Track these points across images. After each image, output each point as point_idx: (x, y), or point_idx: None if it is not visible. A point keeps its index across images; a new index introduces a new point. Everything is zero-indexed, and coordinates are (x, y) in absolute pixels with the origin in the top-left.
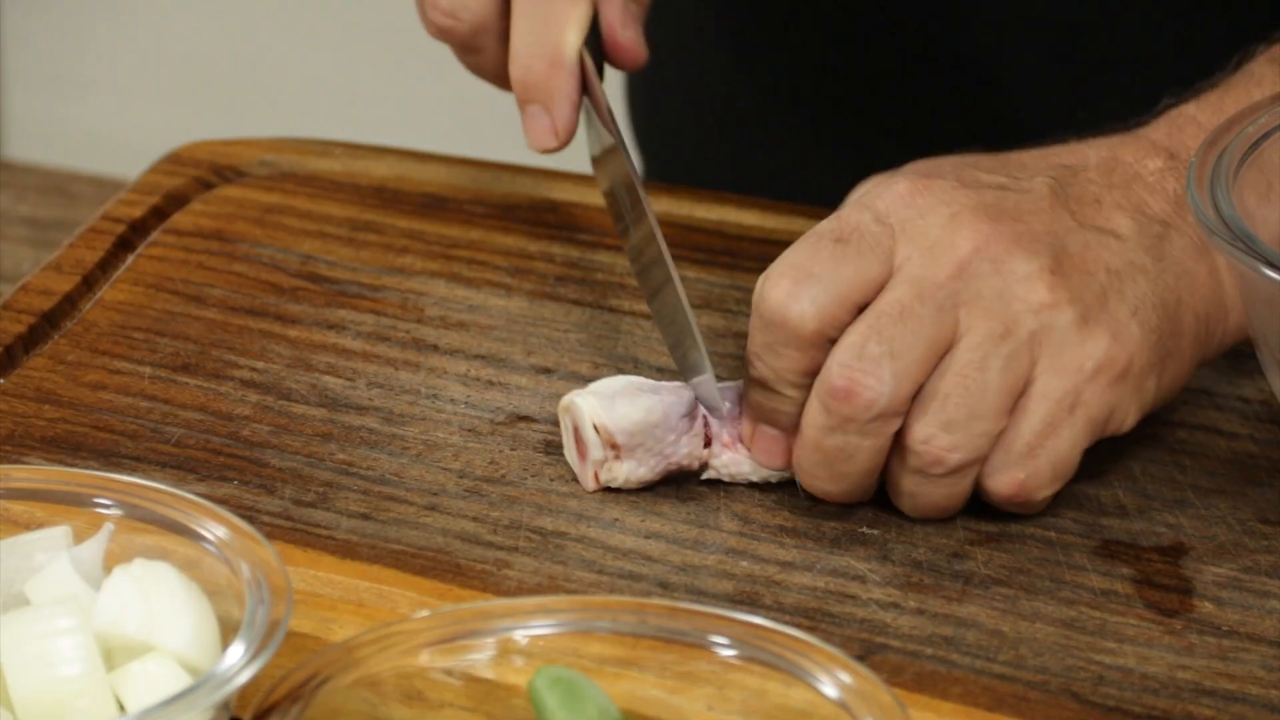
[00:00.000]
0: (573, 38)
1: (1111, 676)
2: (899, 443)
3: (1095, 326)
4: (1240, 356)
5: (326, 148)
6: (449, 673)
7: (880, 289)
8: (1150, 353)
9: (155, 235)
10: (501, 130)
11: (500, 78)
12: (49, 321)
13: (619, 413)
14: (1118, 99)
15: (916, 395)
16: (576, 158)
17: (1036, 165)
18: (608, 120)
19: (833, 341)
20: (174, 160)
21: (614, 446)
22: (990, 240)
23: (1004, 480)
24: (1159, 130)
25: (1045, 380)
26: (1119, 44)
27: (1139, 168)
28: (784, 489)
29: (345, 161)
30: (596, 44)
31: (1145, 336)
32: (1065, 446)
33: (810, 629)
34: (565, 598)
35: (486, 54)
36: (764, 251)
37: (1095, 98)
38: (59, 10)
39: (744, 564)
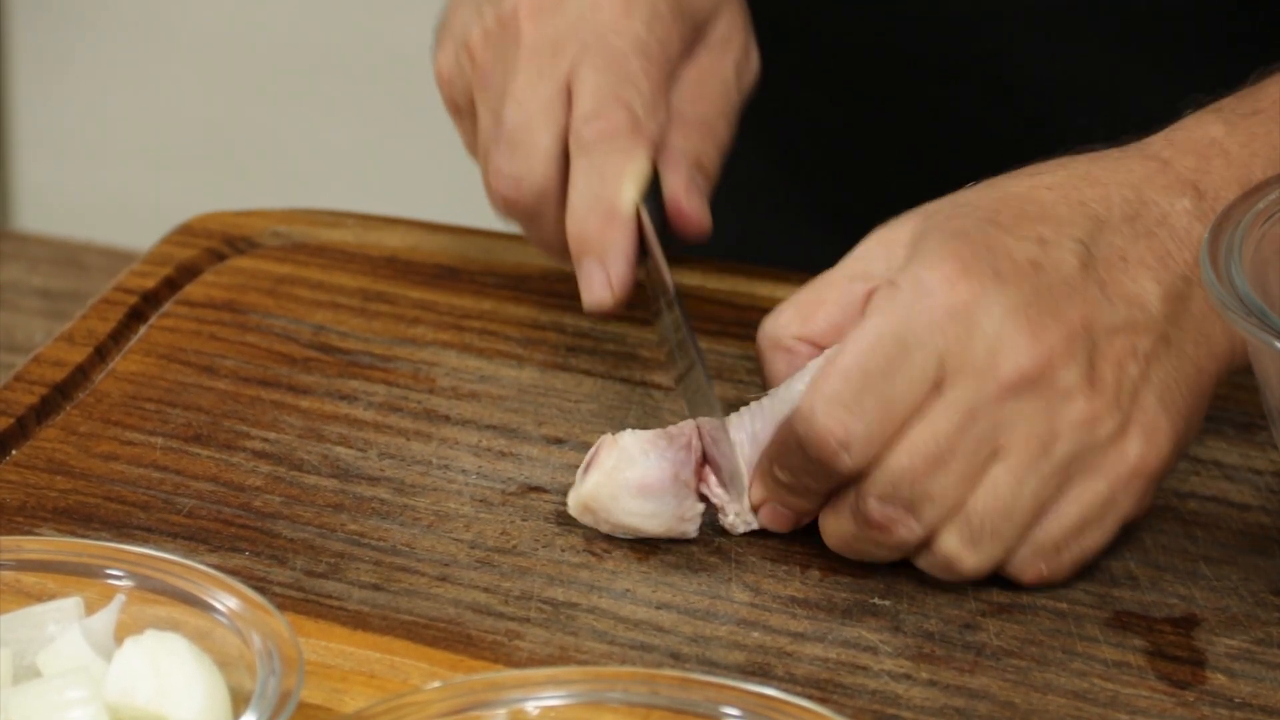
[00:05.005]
0: (628, 192)
1: None
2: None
3: (1130, 430)
4: (1252, 428)
5: (338, 219)
6: None
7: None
8: (1180, 440)
9: (167, 306)
10: None
11: (562, 247)
12: (61, 392)
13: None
14: None
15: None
16: None
17: (1062, 218)
18: (664, 280)
19: None
20: (186, 231)
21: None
22: (1035, 360)
23: (1027, 570)
24: (1187, 160)
25: (1081, 486)
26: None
27: (1167, 207)
28: (794, 559)
29: (357, 232)
30: (660, 209)
31: (1173, 425)
32: (1092, 545)
33: (822, 700)
34: (577, 668)
35: (547, 221)
36: None
37: None
38: (71, 82)
39: (755, 635)
